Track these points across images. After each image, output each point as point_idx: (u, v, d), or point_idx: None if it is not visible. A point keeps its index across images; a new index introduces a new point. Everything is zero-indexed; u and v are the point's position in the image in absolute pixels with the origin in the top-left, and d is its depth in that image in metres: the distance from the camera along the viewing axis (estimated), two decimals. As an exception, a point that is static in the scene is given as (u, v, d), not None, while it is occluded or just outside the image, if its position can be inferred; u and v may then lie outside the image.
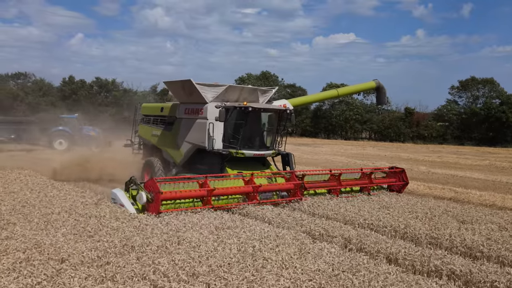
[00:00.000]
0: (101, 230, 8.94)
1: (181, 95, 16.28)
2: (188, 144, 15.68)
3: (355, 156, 39.35)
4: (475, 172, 27.82)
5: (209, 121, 14.68)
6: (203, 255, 7.48)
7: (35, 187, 14.14)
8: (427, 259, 7.88)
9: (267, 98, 16.48)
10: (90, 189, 14.73)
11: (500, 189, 20.53)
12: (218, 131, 14.69)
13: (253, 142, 15.12)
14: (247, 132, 14.74)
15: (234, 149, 14.34)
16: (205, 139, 14.76)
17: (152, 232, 8.93)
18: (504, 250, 8.58)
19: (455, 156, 41.59)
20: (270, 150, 15.38)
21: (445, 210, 12.42)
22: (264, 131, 15.57)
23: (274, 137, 15.60)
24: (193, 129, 15.48)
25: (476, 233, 9.80)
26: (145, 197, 10.78)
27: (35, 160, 25.38)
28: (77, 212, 10.59)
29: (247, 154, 14.49)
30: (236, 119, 14.70)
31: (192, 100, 15.64)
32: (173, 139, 16.57)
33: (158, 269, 6.72)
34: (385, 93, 21.43)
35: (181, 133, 16.11)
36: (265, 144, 15.49)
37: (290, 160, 16.06)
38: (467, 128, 69.87)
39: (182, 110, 16.33)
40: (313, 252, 7.99)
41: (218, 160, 14.78)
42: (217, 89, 15.07)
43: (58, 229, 8.96)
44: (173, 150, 16.57)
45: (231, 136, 14.79)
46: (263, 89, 16.53)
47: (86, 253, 7.39)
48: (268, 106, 15.57)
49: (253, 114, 14.60)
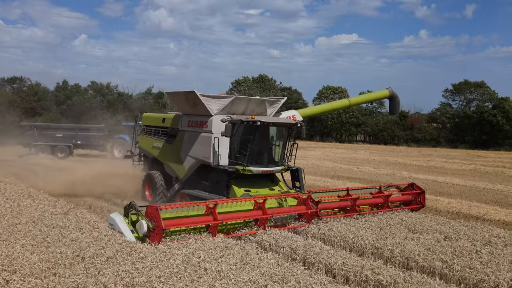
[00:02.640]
0: (60, 241, 9.44)
1: (184, 106, 15.46)
2: (192, 159, 14.95)
3: (343, 160, 39.84)
4: (456, 178, 28.30)
5: (214, 135, 13.93)
6: (147, 266, 7.98)
7: (11, 196, 14.68)
8: (359, 270, 8.38)
9: (275, 109, 15.66)
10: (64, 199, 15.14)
11: (473, 196, 21.00)
12: (223, 146, 13.84)
13: (261, 157, 14.21)
14: (255, 147, 13.90)
15: (241, 166, 13.51)
16: (210, 155, 14.03)
17: (107, 243, 9.44)
18: (437, 260, 9.07)
19: (443, 160, 42.05)
20: (279, 166, 14.44)
21: (401, 219, 12.88)
22: (273, 145, 14.70)
23: (283, 151, 14.61)
24: (197, 143, 14.76)
25: (418, 243, 10.27)
26: (146, 226, 9.92)
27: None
28: (43, 222, 11.09)
29: (255, 171, 13.64)
30: (243, 134, 13.82)
31: (196, 112, 14.87)
32: (176, 152, 15.82)
33: (100, 280, 7.22)
34: (399, 102, 20.27)
35: (184, 146, 15.37)
36: (274, 159, 14.59)
37: (300, 176, 15.18)
38: (460, 131, 70.35)
39: (185, 122, 15.52)
40: (253, 262, 8.49)
41: (223, 177, 13.97)
42: (222, 101, 14.30)
43: (19, 240, 9.45)
44: (176, 164, 15.81)
45: (237, 152, 13.93)
46: (271, 100, 15.57)
47: (37, 264, 7.88)
48: (278, 119, 14.65)
49: (261, 128, 13.71)
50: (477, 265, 8.78)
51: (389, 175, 29.58)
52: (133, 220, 10.49)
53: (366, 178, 27.34)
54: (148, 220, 9.95)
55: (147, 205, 10.57)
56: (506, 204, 18.93)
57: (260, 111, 15.05)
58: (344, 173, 29.54)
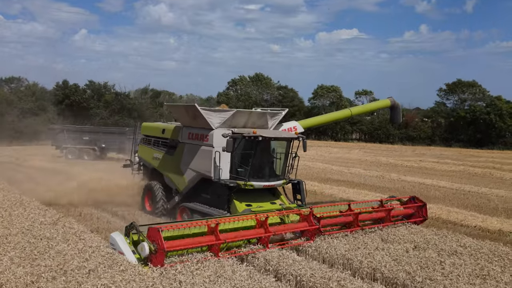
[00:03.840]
0: (46, 253, 9.97)
1: (185, 118, 15.39)
2: (192, 171, 14.84)
3: (336, 161, 40.39)
4: (443, 180, 28.83)
5: (215, 149, 13.84)
6: (126, 279, 8.51)
7: (3, 204, 15.22)
8: (326, 281, 8.92)
9: (277, 121, 15.56)
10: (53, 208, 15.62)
11: (456, 200, 21.53)
12: (225, 160, 13.78)
13: (262, 172, 14.19)
14: (256, 162, 13.90)
15: (242, 181, 13.47)
16: (211, 169, 13.91)
17: (91, 254, 9.97)
18: (401, 271, 9.59)
19: (435, 161, 42.59)
20: (281, 180, 14.38)
21: (376, 228, 13.39)
22: (274, 159, 14.65)
23: (285, 165, 14.53)
24: (197, 156, 14.65)
25: (387, 253, 10.80)
26: (148, 249, 9.64)
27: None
28: (32, 233, 11.62)
29: (256, 186, 13.60)
30: (244, 149, 13.78)
31: (196, 125, 14.78)
32: (176, 164, 15.70)
33: (79, 293, 7.77)
34: (400, 111, 20.12)
35: (184, 159, 15.27)
36: (275, 173, 14.54)
37: (301, 189, 15.16)
38: (454, 130, 70.94)
39: (185, 134, 15.40)
40: (227, 275, 9.03)
41: (224, 191, 13.86)
42: (223, 114, 14.18)
43: (8, 252, 9.99)
44: (176, 176, 15.71)
45: (238, 166, 13.89)
46: (272, 112, 15.43)
47: (23, 278, 8.41)
48: (279, 134, 14.69)
49: (262, 143, 13.64)
50: (438, 277, 9.31)
51: (378, 177, 30.16)
52: (134, 240, 10.22)
53: (355, 181, 27.89)
54: (150, 243, 9.68)
55: (147, 227, 10.24)
56: (486, 209, 19.46)
57: (261, 124, 14.96)
58: (334, 175, 30.09)
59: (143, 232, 9.99)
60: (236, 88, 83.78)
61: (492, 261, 10.64)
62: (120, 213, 16.42)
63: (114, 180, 19.49)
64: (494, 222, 16.53)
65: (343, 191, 22.69)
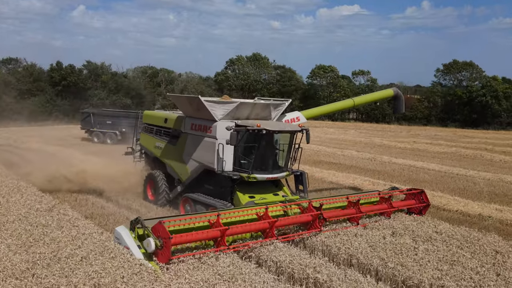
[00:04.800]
0: (41, 240, 10.56)
1: (188, 109, 15.36)
2: (195, 162, 14.89)
3: (330, 142, 40.95)
4: (433, 163, 29.42)
5: (218, 141, 13.80)
6: (115, 266, 9.10)
7: (1, 190, 15.79)
8: (303, 268, 9.52)
9: (280, 112, 15.51)
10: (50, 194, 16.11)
11: (442, 184, 22.14)
12: (228, 152, 13.78)
13: (266, 164, 14.21)
14: (260, 155, 13.89)
15: (245, 173, 13.56)
16: (214, 160, 13.95)
17: (84, 242, 10.56)
18: (376, 258, 10.18)
19: (428, 142, 43.17)
20: (284, 172, 14.46)
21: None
22: (277, 151, 14.64)
23: (288, 157, 14.56)
24: (200, 148, 14.65)
25: (365, 240, 11.37)
26: (154, 244, 9.66)
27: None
28: (28, 220, 12.20)
29: (260, 178, 13.65)
30: (248, 142, 13.79)
31: (199, 116, 14.74)
32: (178, 154, 15.71)
33: (71, 280, 8.35)
34: (403, 101, 20.05)
35: (187, 149, 15.29)
36: (279, 165, 14.60)
37: (304, 180, 15.33)
38: (450, 110, 71.35)
39: (188, 125, 15.38)
40: (210, 261, 9.63)
41: (228, 183, 13.91)
42: (227, 106, 14.12)
43: (5, 239, 10.58)
44: (178, 166, 15.76)
45: (242, 158, 13.96)
46: (275, 103, 15.34)
47: (19, 265, 8.99)
48: (283, 127, 14.51)
49: (266, 136, 13.65)
50: (409, 263, 9.90)
51: (369, 159, 30.75)
52: (139, 234, 10.26)
53: (347, 163, 28.49)
54: (156, 238, 9.72)
55: (153, 223, 10.14)
56: (470, 193, 20.10)
57: (264, 115, 14.98)
58: (326, 157, 30.65)
59: (148, 227, 10.00)
60: (234, 67, 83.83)
61: (464, 247, 11.21)
62: (114, 198, 16.92)
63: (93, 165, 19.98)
64: (475, 206, 17.15)
65: (332, 175, 23.28)
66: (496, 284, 8.98)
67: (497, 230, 14.35)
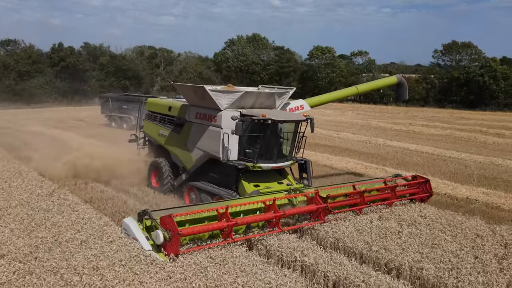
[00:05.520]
0: (43, 225, 11.09)
1: (192, 98, 15.37)
2: (200, 151, 14.94)
3: (326, 124, 41.31)
4: (427, 146, 29.87)
5: (223, 130, 13.86)
6: (113, 249, 9.62)
7: (3, 175, 16.30)
8: (292, 251, 10.05)
9: (284, 100, 15.60)
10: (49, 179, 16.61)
11: (433, 167, 22.64)
12: (233, 142, 13.84)
13: (270, 153, 14.26)
14: (265, 144, 13.96)
15: (250, 163, 13.67)
16: (219, 149, 13.97)
17: (83, 227, 11.09)
18: (361, 241, 10.71)
19: (424, 124, 43.57)
20: (288, 161, 14.57)
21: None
22: (282, 140, 14.75)
23: (293, 146, 14.69)
24: (205, 136, 14.68)
25: (352, 224, 11.87)
26: (162, 237, 9.76)
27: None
28: (30, 205, 12.77)
29: (265, 167, 13.80)
30: (253, 131, 13.80)
31: (204, 105, 14.72)
32: (183, 143, 15.75)
33: (71, 263, 8.86)
34: (407, 88, 20.06)
35: (192, 138, 15.31)
36: (283, 154, 14.70)
37: (308, 168, 15.52)
38: (448, 91, 71.56)
39: (192, 113, 15.35)
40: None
41: (233, 171, 14.04)
42: (232, 96, 14.12)
43: (9, 224, 11.12)
44: (183, 154, 15.82)
45: (247, 148, 14.06)
46: (280, 92, 15.39)
47: (22, 248, 9.53)
48: (288, 117, 14.74)
49: (271, 125, 13.77)
50: (392, 246, 10.43)
51: (364, 142, 31.24)
52: (147, 226, 10.38)
53: (342, 146, 28.97)
54: (164, 230, 9.81)
55: (160, 215, 10.29)
56: (460, 176, 20.60)
57: (269, 104, 15.01)
58: (322, 140, 31.08)
59: (156, 219, 10.12)
60: (233, 48, 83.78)
61: (446, 230, 11.74)
62: (113, 182, 17.31)
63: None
64: (463, 190, 17.66)
65: (326, 158, 23.75)
66: (473, 267, 9.47)
67: (482, 213, 14.87)
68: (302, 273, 9.50)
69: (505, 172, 22.05)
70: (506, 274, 9.21)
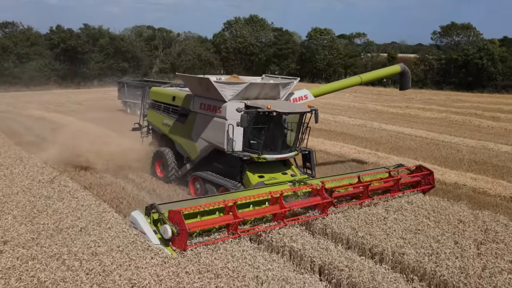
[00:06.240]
0: (44, 211, 11.61)
1: (197, 89, 15.38)
2: (205, 142, 15.06)
3: (323, 108, 41.35)
4: (421, 129, 30.30)
5: (228, 122, 13.95)
6: (111, 236, 10.13)
7: (5, 161, 16.79)
8: (281, 237, 10.57)
9: (288, 90, 15.63)
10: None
11: (425, 151, 23.08)
12: (238, 133, 13.97)
13: (275, 145, 14.38)
14: (270, 135, 14.09)
15: (255, 154, 13.80)
16: (224, 141, 14.12)
17: (83, 214, 11.60)
18: (348, 227, 11.21)
19: (420, 107, 43.87)
20: (293, 152, 14.70)
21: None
22: (287, 131, 14.81)
23: (297, 137, 14.83)
24: (210, 127, 14.77)
25: (340, 210, 12.37)
26: (170, 231, 9.83)
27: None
28: (31, 192, 13.27)
29: (269, 158, 13.95)
30: (258, 123, 13.90)
31: (209, 96, 14.75)
32: (187, 133, 15.85)
33: (72, 249, 9.38)
34: (410, 77, 20.21)
35: (196, 128, 15.41)
36: (288, 145, 14.80)
37: (311, 158, 15.65)
38: (446, 73, 71.74)
39: (197, 104, 15.38)
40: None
41: (237, 162, 14.20)
42: (237, 87, 14.14)
43: (12, 210, 11.64)
44: (187, 144, 15.90)
45: (252, 139, 14.16)
46: (284, 82, 15.40)
47: (24, 235, 10.05)
48: (293, 108, 14.60)
49: (276, 117, 13.81)
50: (377, 232, 10.94)
51: (360, 126, 31.70)
52: (154, 219, 10.44)
53: (337, 130, 29.46)
54: (172, 225, 9.90)
55: (167, 208, 10.46)
56: (451, 161, 21.06)
57: (273, 95, 15.12)
58: (317, 124, 31.08)
59: (164, 213, 10.21)
60: (231, 30, 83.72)
61: (430, 216, 12.23)
62: (111, 168, 17.67)
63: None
64: (452, 175, 18.14)
65: (321, 143, 24.20)
66: (452, 252, 9.98)
67: (468, 198, 15.36)
68: (290, 258, 10.03)
69: (495, 156, 22.48)
70: (483, 259, 9.71)
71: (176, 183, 16.31)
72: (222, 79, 14.91)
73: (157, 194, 15.01)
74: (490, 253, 10.08)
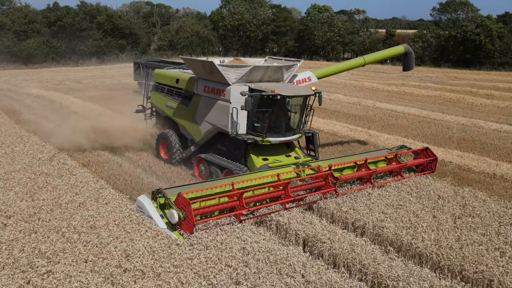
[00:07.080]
0: (44, 188, 12.23)
1: (200, 72, 15.35)
2: (209, 124, 15.11)
3: (319, 85, 41.48)
4: (415, 107, 30.74)
5: (232, 105, 14.02)
6: (108, 210, 10.76)
7: (6, 140, 17.34)
8: (268, 211, 11.18)
9: (292, 73, 15.68)
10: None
11: (415, 130, 23.54)
12: (242, 116, 14.06)
13: (279, 127, 14.53)
14: (274, 118, 14.23)
15: (259, 137, 13.91)
16: (228, 124, 14.19)
17: (81, 190, 12.21)
18: (333, 203, 11.82)
19: (416, 84, 44.18)
20: (297, 134, 14.80)
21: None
22: (291, 114, 14.89)
23: (301, 119, 14.94)
24: (214, 110, 14.81)
25: (327, 186, 12.97)
26: (177, 216, 10.00)
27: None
28: (32, 169, 13.87)
29: (273, 141, 14.07)
30: (262, 106, 13.97)
31: (213, 79, 14.77)
32: (191, 115, 15.89)
33: (71, 223, 10.01)
34: (413, 58, 20.07)
35: (200, 111, 15.44)
36: (292, 128, 14.88)
37: (315, 140, 15.80)
38: (444, 50, 71.78)
39: (201, 87, 15.36)
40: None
41: (241, 145, 14.23)
42: (240, 70, 14.16)
43: (14, 187, 12.26)
44: (191, 127, 15.97)
45: (256, 122, 14.25)
46: (287, 64, 15.42)
47: (26, 210, 10.68)
48: (297, 92, 14.47)
49: (280, 100, 13.90)
50: (360, 207, 11.57)
51: (354, 104, 32.16)
52: (161, 203, 10.61)
53: (331, 109, 29.88)
54: (179, 210, 10.07)
55: (173, 192, 10.62)
56: (441, 139, 21.54)
57: (277, 78, 15.18)
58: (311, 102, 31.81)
59: (170, 198, 10.38)
60: (229, 7, 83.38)
61: (412, 192, 12.84)
62: (109, 145, 18.05)
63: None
64: (439, 152, 18.61)
65: (314, 121, 24.41)
66: (429, 225, 10.61)
67: (453, 175, 15.91)
68: (276, 231, 10.66)
69: (484, 134, 23.00)
70: (457, 232, 10.32)
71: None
72: (225, 62, 15.04)
73: (152, 171, 15.56)
74: (465, 227, 10.70)
